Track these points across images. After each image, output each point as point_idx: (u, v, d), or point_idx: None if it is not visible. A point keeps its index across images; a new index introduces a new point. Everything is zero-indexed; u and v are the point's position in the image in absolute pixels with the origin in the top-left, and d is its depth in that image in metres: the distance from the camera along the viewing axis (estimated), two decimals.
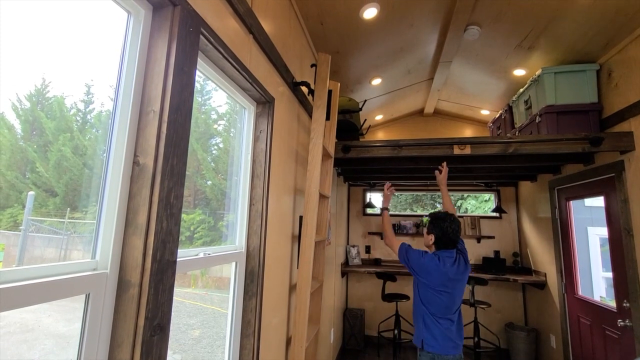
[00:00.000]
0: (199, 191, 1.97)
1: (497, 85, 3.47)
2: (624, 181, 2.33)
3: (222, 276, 2.47)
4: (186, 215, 1.77)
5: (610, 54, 2.47)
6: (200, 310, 3.38)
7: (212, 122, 2.03)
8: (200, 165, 1.95)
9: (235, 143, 1.60)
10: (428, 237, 2.10)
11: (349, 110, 3.04)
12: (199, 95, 1.86)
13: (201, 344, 3.07)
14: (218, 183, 1.84)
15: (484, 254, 4.29)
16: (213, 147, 2.05)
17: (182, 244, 1.25)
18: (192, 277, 2.72)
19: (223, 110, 1.96)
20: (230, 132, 1.85)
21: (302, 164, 2.27)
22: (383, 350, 4.06)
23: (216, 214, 1.86)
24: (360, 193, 4.83)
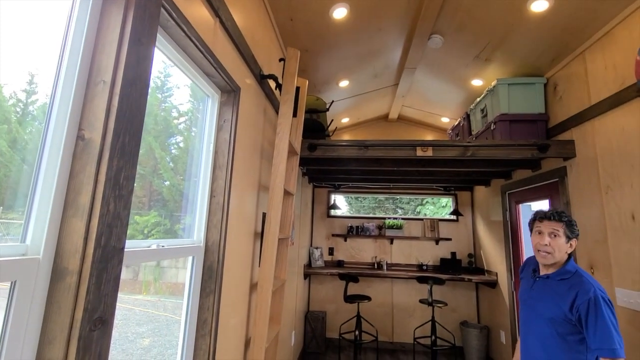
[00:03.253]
0: (155, 192, 1.85)
1: (457, 94, 3.66)
2: (567, 185, 2.53)
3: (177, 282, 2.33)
4: (140, 217, 1.64)
5: (556, 69, 2.70)
6: (152, 318, 3.18)
7: (172, 119, 1.92)
8: (158, 165, 1.82)
9: (196, 138, 1.52)
10: (566, 246, 1.46)
11: (316, 109, 3.04)
12: (159, 92, 1.76)
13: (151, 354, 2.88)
14: (177, 184, 1.73)
15: (441, 255, 4.47)
16: (172, 146, 1.93)
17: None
18: (143, 283, 2.56)
19: (185, 109, 1.86)
20: (191, 131, 1.75)
21: (267, 160, 2.22)
22: (344, 352, 4.06)
23: (173, 216, 1.75)
24: (325, 194, 4.84)
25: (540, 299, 1.50)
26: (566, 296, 1.39)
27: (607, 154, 2.16)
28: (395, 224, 4.56)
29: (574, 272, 1.44)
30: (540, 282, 1.53)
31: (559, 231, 1.45)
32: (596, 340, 1.28)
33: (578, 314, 1.34)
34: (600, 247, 2.19)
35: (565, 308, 1.37)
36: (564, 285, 1.42)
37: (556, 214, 1.48)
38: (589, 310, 1.30)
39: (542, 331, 1.46)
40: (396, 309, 4.36)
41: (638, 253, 1.92)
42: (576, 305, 1.34)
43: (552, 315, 1.42)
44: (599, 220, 2.21)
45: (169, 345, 3.53)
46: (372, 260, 4.56)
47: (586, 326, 1.31)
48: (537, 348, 1.49)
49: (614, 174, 2.10)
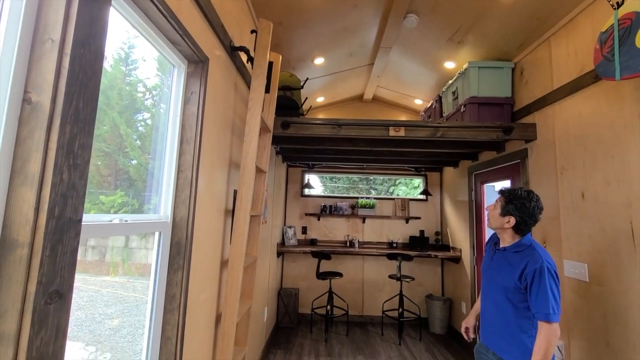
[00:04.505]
0: (121, 171, 1.77)
1: (430, 76, 3.71)
2: (527, 166, 2.68)
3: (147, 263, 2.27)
4: (105, 197, 1.56)
5: (523, 54, 2.78)
6: (121, 299, 3.12)
7: (138, 94, 1.81)
8: (124, 142, 1.73)
9: (165, 115, 1.44)
10: (503, 220, 1.60)
11: (290, 87, 2.98)
12: (122, 65, 1.65)
13: (120, 334, 2.84)
14: (144, 163, 1.66)
15: (411, 233, 4.65)
16: (139, 123, 1.83)
17: None
18: (111, 264, 2.49)
19: (152, 83, 1.76)
20: (159, 108, 1.66)
21: (239, 137, 2.17)
22: (316, 326, 4.20)
23: (141, 196, 1.68)
24: (299, 174, 4.83)
25: (497, 270, 1.62)
26: (518, 266, 1.51)
27: (564, 137, 2.30)
28: (367, 203, 4.66)
29: (529, 245, 1.56)
30: (499, 254, 1.66)
31: (498, 204, 1.63)
32: (535, 305, 1.42)
33: (526, 282, 1.47)
34: (553, 223, 2.36)
35: (516, 277, 1.50)
36: (518, 256, 1.54)
37: (506, 190, 1.64)
38: (534, 278, 1.44)
39: (498, 298, 1.59)
40: (366, 284, 4.53)
41: (585, 229, 2.09)
42: (525, 274, 1.47)
43: (505, 284, 1.55)
44: (554, 199, 2.37)
45: (139, 325, 3.50)
46: (345, 238, 4.66)
47: (530, 292, 1.45)
48: (493, 313, 1.62)
49: (569, 156, 2.24)
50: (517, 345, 1.51)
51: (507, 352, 1.54)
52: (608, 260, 1.91)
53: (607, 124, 1.95)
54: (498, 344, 1.59)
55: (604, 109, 1.97)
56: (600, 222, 1.97)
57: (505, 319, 1.55)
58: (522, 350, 1.49)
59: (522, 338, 1.50)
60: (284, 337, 3.84)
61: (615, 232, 1.87)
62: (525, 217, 1.56)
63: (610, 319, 1.89)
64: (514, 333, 1.52)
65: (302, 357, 3.33)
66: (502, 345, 1.57)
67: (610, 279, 1.89)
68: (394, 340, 3.83)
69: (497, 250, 1.67)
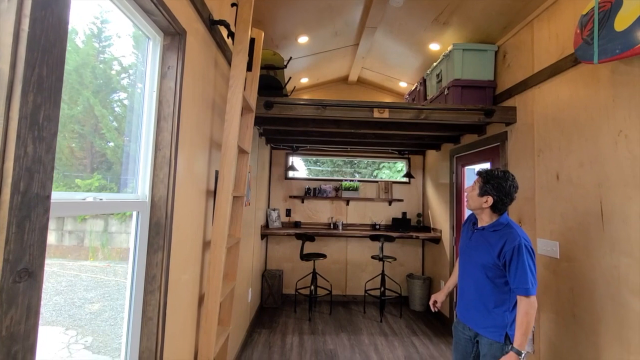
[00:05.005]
0: (97, 153, 1.69)
1: (415, 58, 3.69)
2: (506, 149, 2.74)
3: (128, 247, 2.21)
4: (81, 181, 1.50)
5: (507, 37, 2.80)
6: (101, 283, 3.06)
7: (113, 73, 1.71)
8: (99, 124, 1.65)
9: (139, 87, 1.37)
10: (482, 200, 1.64)
11: (273, 65, 2.90)
12: (95, 41, 1.54)
13: (102, 317, 2.81)
14: (122, 145, 1.59)
15: (393, 215, 4.73)
16: (115, 103, 1.74)
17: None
18: (90, 249, 2.42)
19: (128, 62, 1.66)
20: (137, 88, 1.57)
21: (220, 116, 2.11)
22: (300, 306, 4.28)
23: (121, 179, 1.62)
24: (283, 156, 4.79)
25: (476, 248, 1.68)
26: (496, 245, 1.57)
27: (543, 120, 2.35)
28: (351, 186, 4.69)
29: (506, 224, 1.62)
30: (477, 234, 1.71)
31: (476, 185, 1.68)
32: (515, 281, 1.50)
33: (504, 259, 1.53)
34: (529, 203, 2.45)
35: (495, 254, 1.56)
36: (496, 235, 1.60)
37: (483, 171, 1.68)
38: (513, 255, 1.50)
39: (476, 275, 1.65)
40: (350, 265, 4.62)
41: (558, 208, 2.18)
42: (503, 252, 1.53)
43: (484, 261, 1.61)
44: (530, 180, 2.44)
45: (121, 309, 3.47)
46: (329, 220, 4.70)
47: (509, 269, 1.52)
48: (471, 290, 1.69)
49: (546, 138, 2.31)
50: (494, 320, 1.58)
51: (484, 327, 1.61)
52: (578, 238, 2.00)
53: (583, 107, 2.00)
54: (475, 320, 1.66)
55: (581, 93, 2.02)
56: (572, 202, 2.06)
57: (483, 296, 1.62)
58: (498, 324, 1.56)
59: (499, 313, 1.57)
60: (268, 317, 3.90)
61: (585, 211, 1.96)
62: (502, 196, 1.61)
63: (577, 293, 2.00)
64: (491, 309, 1.59)
65: (286, 336, 3.40)
66: (479, 321, 1.64)
67: (579, 256, 1.99)
68: (375, 318, 3.96)
69: (476, 230, 1.72)
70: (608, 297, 1.79)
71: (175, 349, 1.51)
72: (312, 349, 3.11)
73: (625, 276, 1.70)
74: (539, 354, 2.32)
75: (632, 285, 1.66)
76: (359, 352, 3.07)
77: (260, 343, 3.20)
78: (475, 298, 1.66)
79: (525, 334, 1.46)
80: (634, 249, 1.66)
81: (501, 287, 1.57)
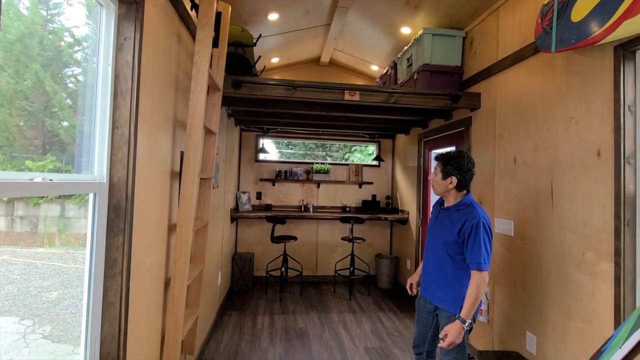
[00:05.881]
0: (49, 133, 1.56)
1: (387, 41, 3.69)
2: (470, 134, 2.86)
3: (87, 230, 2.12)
4: (32, 163, 1.38)
5: (474, 23, 2.86)
6: (59, 271, 2.91)
7: (65, 45, 1.56)
8: (51, 101, 1.51)
9: (95, 61, 1.26)
10: (446, 182, 1.71)
11: (241, 43, 2.78)
12: (42, 8, 1.39)
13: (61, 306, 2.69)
14: (78, 125, 1.47)
15: (363, 197, 4.83)
16: (69, 78, 1.59)
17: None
18: (45, 235, 2.27)
19: (82, 33, 1.51)
20: (92, 62, 1.44)
21: (184, 94, 2.01)
22: (270, 287, 4.32)
23: (77, 162, 1.51)
24: (253, 139, 4.70)
25: (440, 227, 1.77)
26: (458, 222, 1.66)
27: (504, 107, 2.46)
28: (322, 168, 4.71)
29: (469, 204, 1.71)
30: (443, 213, 1.80)
31: (438, 169, 1.76)
32: (470, 256, 1.61)
33: (464, 236, 1.63)
34: (489, 185, 2.59)
35: (456, 232, 1.65)
36: (459, 214, 1.69)
37: (440, 156, 1.77)
38: (471, 232, 1.61)
39: (438, 253, 1.75)
40: (320, 246, 4.70)
41: (514, 189, 2.32)
42: (463, 229, 1.63)
43: (446, 238, 1.70)
44: (490, 163, 2.57)
45: (82, 297, 3.33)
46: (300, 203, 4.72)
47: (466, 245, 1.62)
48: (434, 267, 1.79)
49: (507, 124, 2.42)
50: (452, 293, 1.69)
51: (443, 301, 1.72)
52: (530, 216, 2.16)
53: (540, 95, 2.11)
54: (436, 294, 1.77)
55: (539, 80, 2.12)
56: (527, 184, 2.20)
57: (443, 271, 1.72)
58: (456, 297, 1.67)
59: (457, 287, 1.68)
60: (239, 299, 3.91)
61: (538, 192, 2.10)
62: (464, 173, 1.71)
63: (527, 267, 2.18)
64: (451, 283, 1.70)
65: (257, 316, 3.43)
66: (440, 295, 1.74)
67: (531, 233, 2.15)
68: (345, 297, 4.09)
69: (442, 210, 1.81)
70: (554, 270, 1.96)
71: (141, 333, 1.48)
72: (282, 328, 3.18)
73: (569, 251, 1.86)
74: (492, 323, 2.51)
75: (575, 259, 1.83)
76: (328, 329, 3.17)
77: (230, 324, 3.21)
78: (437, 274, 1.76)
79: (473, 306, 1.57)
80: (578, 226, 1.81)
81: (460, 263, 1.68)
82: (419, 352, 1.89)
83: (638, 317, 0.97)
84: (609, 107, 1.66)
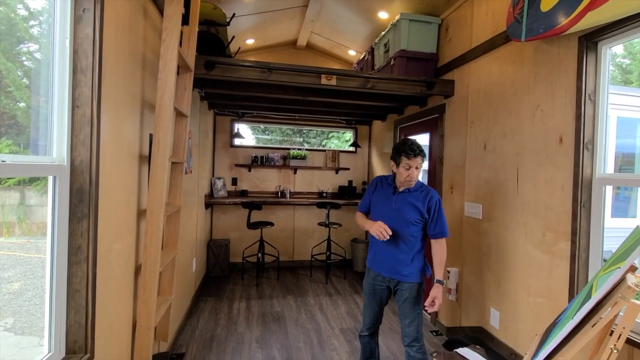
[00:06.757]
0: (4, 115, 1.44)
1: (364, 26, 3.65)
2: (444, 120, 2.92)
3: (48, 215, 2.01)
4: None
5: (450, 10, 2.88)
6: (21, 261, 2.78)
7: (18, 18, 1.42)
8: (5, 80, 1.38)
9: None
10: (419, 170, 1.86)
11: (214, 21, 2.66)
12: None
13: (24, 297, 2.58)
14: (37, 106, 1.36)
15: (340, 183, 4.87)
16: (24, 56, 1.46)
17: None
18: (4, 224, 2.14)
19: (39, 6, 1.38)
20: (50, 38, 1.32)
21: (153, 74, 1.91)
22: (247, 273, 4.31)
23: (37, 146, 1.40)
24: (228, 123, 4.58)
25: (401, 209, 1.83)
26: (424, 201, 1.83)
27: (476, 94, 2.52)
28: (299, 154, 4.68)
29: (423, 185, 1.90)
30: (402, 196, 1.86)
31: (421, 164, 1.83)
32: (438, 227, 1.82)
33: (431, 212, 1.83)
34: (460, 171, 2.68)
35: (423, 209, 1.82)
36: (421, 194, 1.85)
37: (421, 151, 1.80)
38: (436, 208, 1.83)
39: (403, 232, 1.82)
40: (297, 232, 4.72)
41: (483, 175, 2.41)
42: (429, 205, 1.83)
43: (411, 218, 1.82)
44: (462, 149, 2.65)
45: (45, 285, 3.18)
46: (276, 189, 4.69)
47: (432, 218, 1.82)
48: (398, 246, 1.84)
49: (478, 111, 2.49)
50: (415, 266, 1.83)
51: (407, 275, 1.82)
52: (497, 200, 2.26)
53: (510, 83, 2.18)
54: (399, 271, 1.83)
55: (509, 69, 2.19)
56: (495, 169, 2.29)
57: (410, 248, 1.83)
58: (420, 268, 1.85)
59: (418, 259, 1.85)
60: (215, 285, 3.88)
61: (505, 177, 2.20)
62: None
63: (493, 248, 2.29)
64: (417, 258, 1.84)
65: (233, 302, 3.43)
66: (403, 270, 1.83)
67: (497, 216, 2.26)
68: (321, 280, 4.16)
69: (399, 193, 1.86)
70: (516, 250, 2.08)
71: (110, 321, 1.44)
72: (259, 312, 3.20)
73: (531, 232, 1.98)
74: (460, 301, 2.65)
75: (535, 239, 1.94)
76: (304, 312, 3.23)
77: (206, 310, 3.19)
78: (400, 252, 1.83)
79: (443, 267, 1.83)
80: (539, 208, 1.92)
81: (420, 238, 1.85)
82: (372, 332, 1.98)
83: (588, 291, 1.05)
84: (571, 95, 1.74)
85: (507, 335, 2.15)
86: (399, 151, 1.80)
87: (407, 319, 1.82)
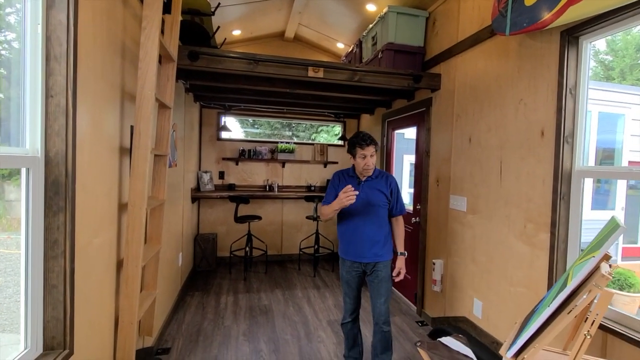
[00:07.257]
0: None
1: (352, 18, 3.63)
2: (431, 114, 2.94)
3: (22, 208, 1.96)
4: None
5: (437, 4, 2.88)
6: (2, 257, 2.71)
7: None
8: None
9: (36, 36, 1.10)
10: (375, 157, 2.01)
11: (198, 11, 2.60)
12: None
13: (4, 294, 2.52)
14: (14, 97, 1.30)
15: (328, 176, 4.86)
16: (1, 44, 1.39)
17: None
18: None
19: None
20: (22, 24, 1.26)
21: (133, 63, 1.86)
22: (235, 267, 4.29)
23: (14, 139, 1.35)
24: (215, 116, 4.51)
25: (369, 195, 1.98)
26: (385, 185, 2.02)
27: (462, 88, 2.54)
28: (287, 148, 4.65)
29: (382, 171, 2.08)
30: (367, 184, 2.02)
31: (374, 152, 1.96)
32: (398, 205, 2.05)
33: (393, 194, 2.03)
34: (446, 164, 2.71)
35: (388, 193, 2.01)
36: (381, 180, 2.03)
37: (372, 140, 1.94)
38: (396, 189, 2.05)
39: (373, 216, 1.98)
40: (285, 225, 4.72)
41: (467, 168, 2.44)
42: (391, 188, 2.03)
43: (379, 202, 1.98)
44: (448, 143, 2.68)
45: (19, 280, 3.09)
46: (264, 182, 4.66)
47: (395, 198, 2.04)
48: (372, 230, 1.98)
49: (463, 105, 2.51)
50: (388, 245, 2.02)
51: (383, 254, 1.98)
52: (482, 193, 2.29)
53: (494, 77, 2.20)
54: (377, 253, 1.97)
55: (494, 63, 2.21)
56: (479, 162, 2.32)
57: (383, 230, 1.99)
58: (390, 246, 2.03)
59: (389, 238, 2.03)
60: (202, 279, 3.85)
61: (489, 169, 2.23)
62: None
63: (477, 239, 2.33)
64: (388, 237, 2.02)
65: (220, 296, 3.41)
66: (379, 252, 1.97)
67: (481, 208, 2.30)
68: (309, 274, 4.17)
69: (364, 182, 2.01)
70: (499, 242, 2.12)
71: (91, 316, 1.41)
72: (246, 306, 3.19)
73: (513, 223, 2.02)
74: (445, 292, 2.69)
75: (517, 231, 1.99)
76: (292, 305, 3.24)
77: (193, 305, 3.17)
78: (375, 234, 1.97)
79: (403, 240, 2.08)
80: (522, 201, 1.96)
81: (386, 219, 2.04)
82: (354, 317, 2.10)
83: (565, 280, 1.08)
84: (553, 90, 1.77)
85: (489, 324, 2.21)
86: (354, 144, 1.95)
87: (382, 297, 1.97)
